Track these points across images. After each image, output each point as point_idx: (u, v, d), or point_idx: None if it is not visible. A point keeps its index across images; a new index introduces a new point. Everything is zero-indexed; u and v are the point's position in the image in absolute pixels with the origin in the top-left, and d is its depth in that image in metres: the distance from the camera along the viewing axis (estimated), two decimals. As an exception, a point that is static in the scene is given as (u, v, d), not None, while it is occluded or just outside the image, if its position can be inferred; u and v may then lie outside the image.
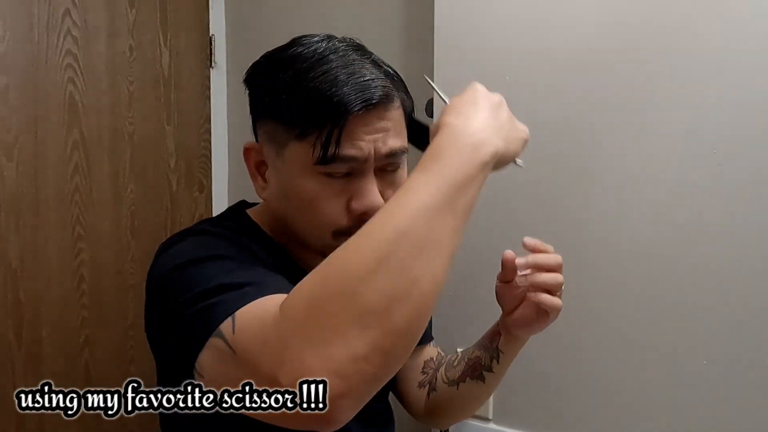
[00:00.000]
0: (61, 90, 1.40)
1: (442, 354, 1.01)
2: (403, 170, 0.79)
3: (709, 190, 0.99)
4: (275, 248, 0.81)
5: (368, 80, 0.71)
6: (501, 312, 0.88)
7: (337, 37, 0.77)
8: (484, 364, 0.91)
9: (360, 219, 0.72)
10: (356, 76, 0.71)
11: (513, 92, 1.12)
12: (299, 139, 0.72)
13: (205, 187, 1.69)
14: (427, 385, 0.98)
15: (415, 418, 1.01)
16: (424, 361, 0.99)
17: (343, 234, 0.71)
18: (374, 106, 0.71)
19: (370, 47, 0.79)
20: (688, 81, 1.00)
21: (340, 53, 0.73)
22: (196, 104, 1.66)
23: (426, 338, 1.01)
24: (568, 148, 1.10)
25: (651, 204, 1.04)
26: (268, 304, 0.57)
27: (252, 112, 0.80)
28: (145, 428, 1.49)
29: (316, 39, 0.75)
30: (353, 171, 0.73)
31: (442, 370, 0.97)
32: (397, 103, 0.75)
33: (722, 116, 0.98)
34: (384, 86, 0.73)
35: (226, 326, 0.57)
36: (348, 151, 0.71)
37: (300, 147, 0.72)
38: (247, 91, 0.80)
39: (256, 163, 0.80)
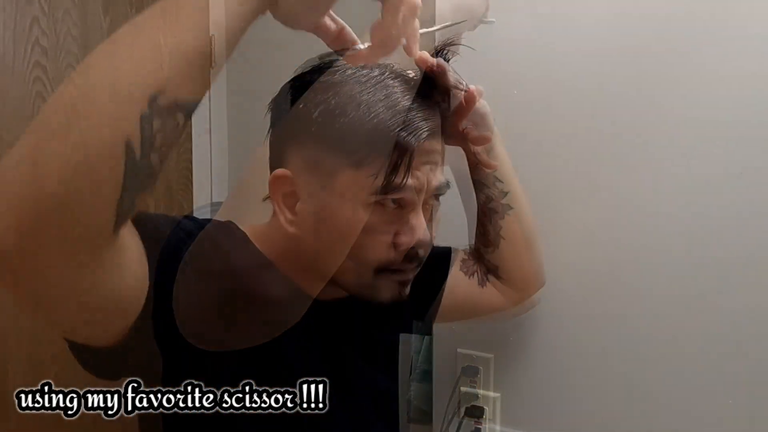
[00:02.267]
0: (30, 105, 1.26)
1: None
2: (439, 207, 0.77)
3: (720, 191, 0.99)
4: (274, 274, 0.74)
5: (427, 107, 0.69)
6: None
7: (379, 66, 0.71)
8: (497, 194, 0.93)
9: (405, 254, 0.70)
10: (418, 101, 0.69)
11: (513, 93, 1.13)
12: (356, 166, 0.67)
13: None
14: (482, 270, 0.98)
15: (514, 304, 1.00)
16: (461, 262, 0.98)
17: (385, 270, 0.69)
18: (434, 134, 0.69)
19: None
20: (701, 81, 0.99)
21: (395, 76, 0.70)
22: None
23: (450, 250, 1.00)
24: (576, 148, 1.09)
25: (659, 205, 1.03)
26: None
27: (281, 137, 0.72)
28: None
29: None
30: (403, 203, 0.69)
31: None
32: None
33: (737, 116, 0.97)
34: (436, 115, 0.71)
35: None
36: (410, 180, 0.67)
37: (356, 175, 0.67)
38: (271, 115, 0.74)
39: (284, 194, 0.70)
